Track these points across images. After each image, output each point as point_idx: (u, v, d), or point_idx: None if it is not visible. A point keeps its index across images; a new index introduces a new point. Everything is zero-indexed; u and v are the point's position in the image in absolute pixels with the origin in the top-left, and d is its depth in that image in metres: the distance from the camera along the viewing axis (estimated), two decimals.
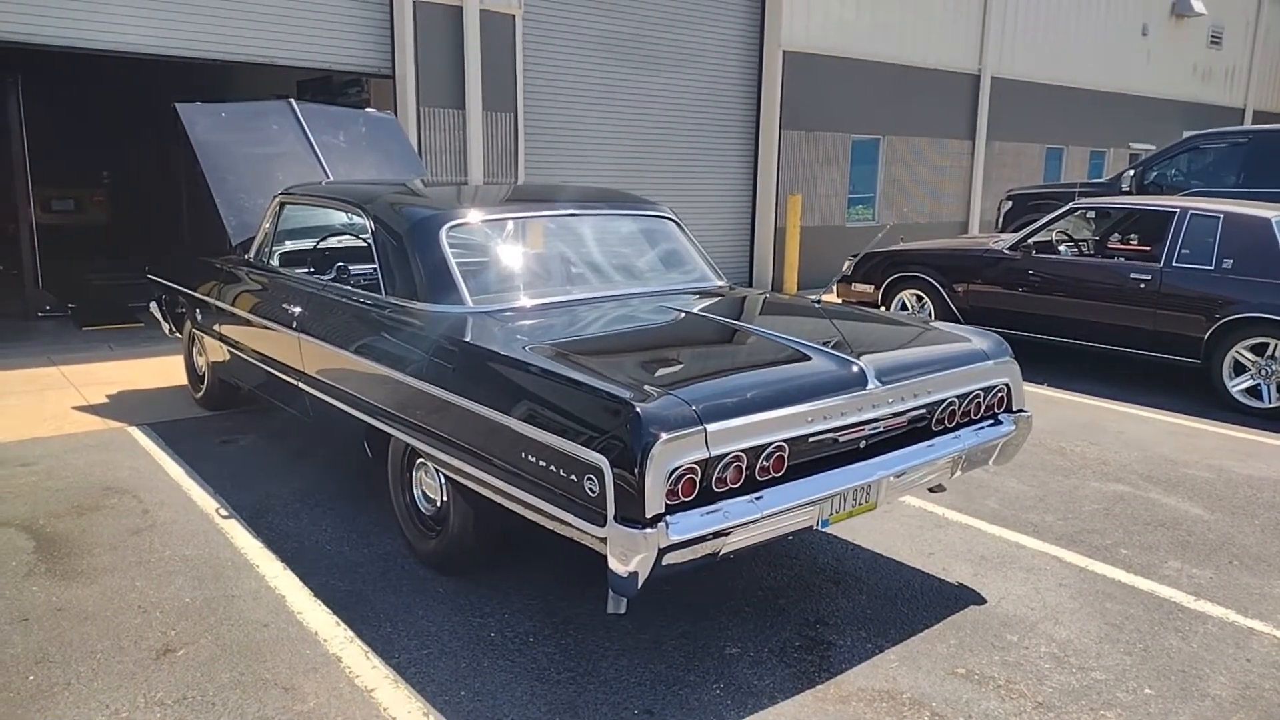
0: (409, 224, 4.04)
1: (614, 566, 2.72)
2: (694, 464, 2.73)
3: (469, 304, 3.80)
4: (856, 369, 3.21)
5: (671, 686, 3.06)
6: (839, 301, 9.09)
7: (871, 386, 3.18)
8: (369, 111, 7.57)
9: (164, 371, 7.17)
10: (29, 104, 9.46)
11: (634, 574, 2.69)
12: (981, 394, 3.63)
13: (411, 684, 3.04)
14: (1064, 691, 3.09)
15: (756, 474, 2.91)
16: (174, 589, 3.67)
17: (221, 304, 5.40)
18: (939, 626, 3.49)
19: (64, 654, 3.19)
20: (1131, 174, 11.13)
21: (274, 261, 5.17)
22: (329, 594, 3.64)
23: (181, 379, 6.57)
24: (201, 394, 6.23)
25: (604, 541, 2.73)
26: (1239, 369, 6.75)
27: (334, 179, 6.26)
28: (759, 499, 2.88)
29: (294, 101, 6.77)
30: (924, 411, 3.42)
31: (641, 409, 2.68)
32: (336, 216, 4.99)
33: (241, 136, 6.40)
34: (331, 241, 5.21)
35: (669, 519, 2.68)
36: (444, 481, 3.64)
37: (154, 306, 6.69)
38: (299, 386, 4.52)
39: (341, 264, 4.54)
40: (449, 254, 3.91)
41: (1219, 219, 6.94)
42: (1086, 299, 7.52)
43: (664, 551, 2.68)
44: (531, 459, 2.97)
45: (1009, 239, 8.43)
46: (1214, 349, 6.81)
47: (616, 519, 2.68)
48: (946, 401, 3.48)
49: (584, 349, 3.45)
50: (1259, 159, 10.12)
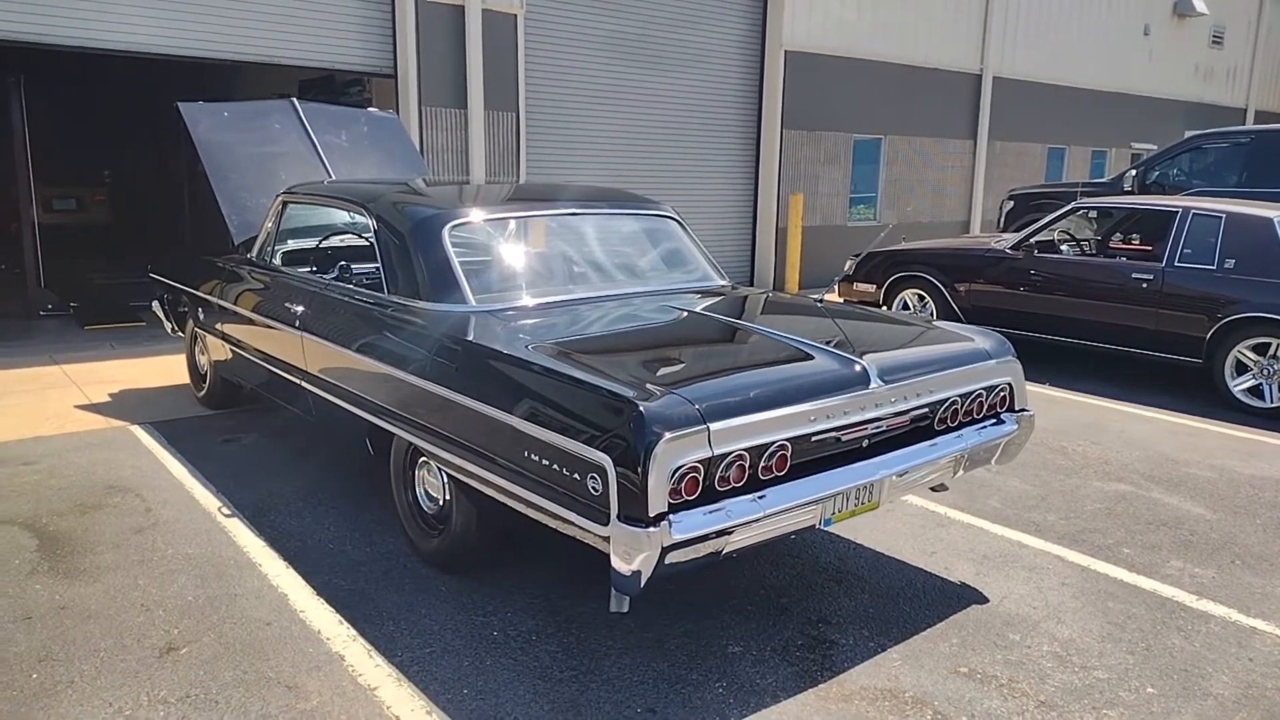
0: (412, 223, 4.04)
1: (617, 565, 2.72)
2: (697, 463, 2.73)
3: (472, 303, 3.80)
4: (859, 368, 3.21)
5: (674, 685, 3.06)
6: (841, 301, 9.09)
7: (874, 386, 3.18)
8: (371, 111, 7.58)
9: (166, 370, 7.18)
10: (31, 103, 9.46)
11: (637, 573, 2.69)
12: (984, 393, 3.63)
13: (414, 682, 3.05)
14: (1066, 690, 3.09)
15: (759, 473, 2.91)
16: (177, 587, 3.67)
17: (224, 303, 5.40)
18: (941, 625, 3.50)
19: (67, 652, 3.19)
20: (1133, 174, 11.12)
21: (276, 260, 5.17)
22: (332, 592, 3.65)
23: (184, 378, 6.58)
24: (204, 393, 6.24)
25: (607, 540, 2.73)
26: (1241, 369, 6.75)
27: (336, 178, 6.27)
28: (762, 498, 2.88)
29: (296, 101, 6.77)
30: (926, 411, 3.42)
31: (645, 408, 2.68)
32: (339, 216, 5.00)
33: (244, 136, 6.41)
34: (334, 240, 5.21)
35: (672, 518, 2.68)
36: (446, 480, 3.65)
37: (156, 305, 6.70)
38: (301, 385, 4.52)
39: (344, 263, 4.54)
40: (451, 253, 3.91)
41: (1221, 219, 6.94)
42: (1088, 299, 7.51)
43: (667, 550, 2.68)
44: (534, 458, 2.97)
45: (1011, 239, 8.43)
46: (1216, 349, 6.81)
47: (620, 518, 2.68)
48: (949, 401, 3.48)
49: (587, 348, 3.45)
50: (1261, 159, 10.11)
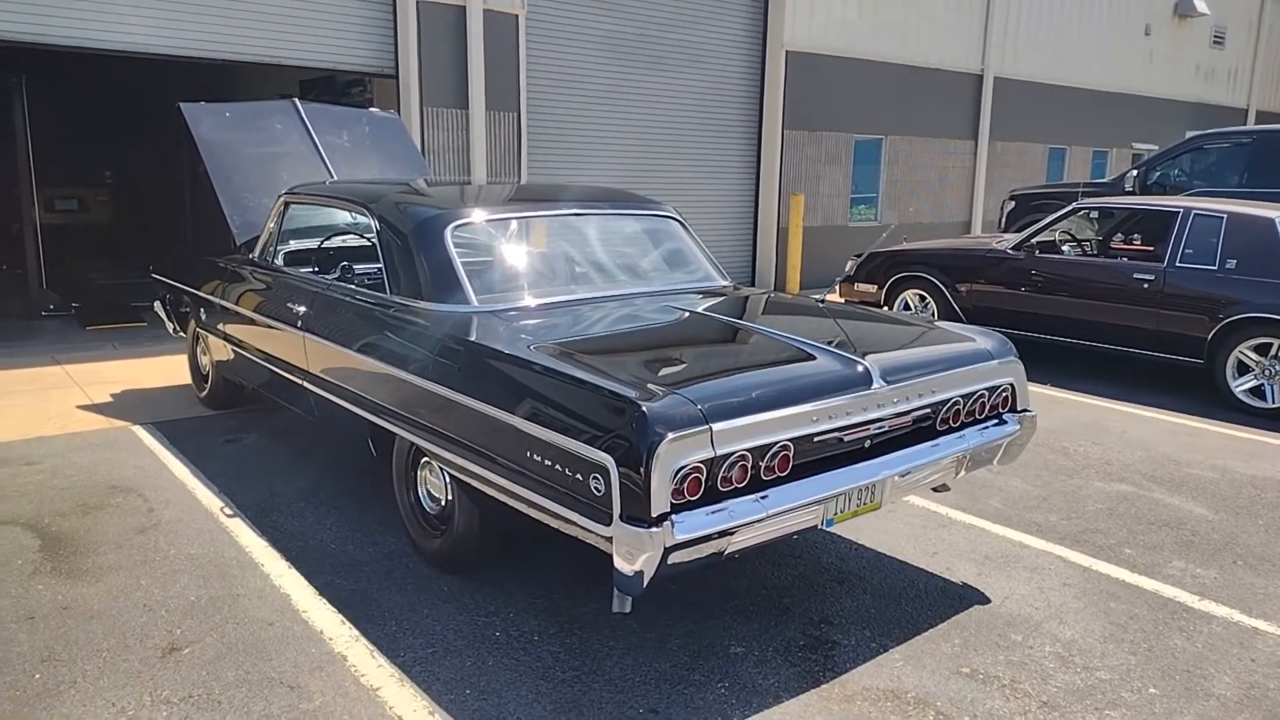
0: (414, 223, 4.05)
1: (619, 565, 2.72)
2: (699, 463, 2.73)
3: (474, 303, 3.81)
4: (861, 369, 3.21)
5: (676, 685, 3.06)
6: (842, 301, 9.09)
7: (876, 386, 3.18)
8: (373, 111, 7.58)
9: (168, 371, 7.18)
10: (33, 104, 9.47)
11: (639, 573, 2.69)
12: (986, 394, 3.63)
13: (417, 682, 3.05)
14: (1069, 691, 3.09)
15: (762, 473, 2.92)
16: (179, 587, 3.67)
17: (226, 303, 5.40)
18: (943, 626, 3.50)
19: (70, 652, 3.19)
20: (1135, 174, 11.11)
21: (278, 261, 5.18)
22: (334, 593, 3.65)
23: (185, 378, 6.58)
24: (206, 393, 6.24)
25: (609, 540, 2.73)
26: (1242, 369, 6.74)
27: (338, 178, 6.27)
28: (764, 498, 2.88)
29: (298, 101, 6.78)
30: (928, 411, 3.42)
31: (647, 408, 2.68)
32: (341, 216, 5.00)
33: (246, 136, 6.41)
34: (336, 241, 5.22)
35: (674, 518, 2.68)
36: (449, 480, 3.65)
37: (158, 306, 6.71)
38: (303, 385, 4.53)
39: (346, 263, 4.54)
40: (454, 253, 3.91)
41: (1222, 219, 6.94)
42: (1090, 299, 7.51)
43: (669, 550, 2.68)
44: (537, 458, 2.97)
45: (1012, 239, 8.43)
46: (1217, 349, 6.81)
47: (622, 518, 2.68)
48: (951, 401, 3.48)
49: (589, 348, 3.45)
50: (1262, 159, 10.11)
